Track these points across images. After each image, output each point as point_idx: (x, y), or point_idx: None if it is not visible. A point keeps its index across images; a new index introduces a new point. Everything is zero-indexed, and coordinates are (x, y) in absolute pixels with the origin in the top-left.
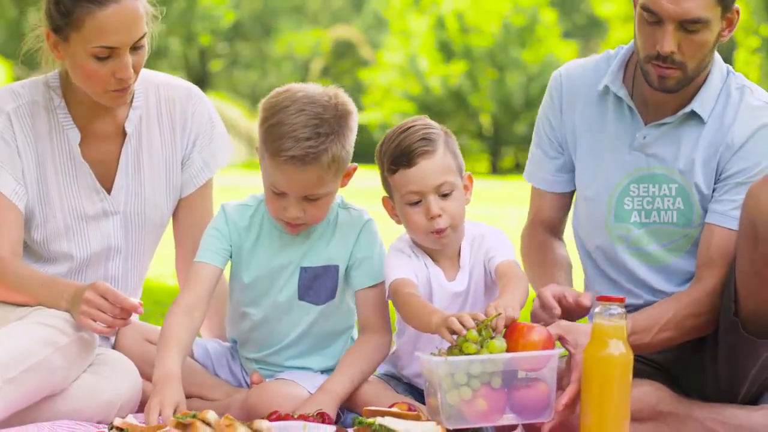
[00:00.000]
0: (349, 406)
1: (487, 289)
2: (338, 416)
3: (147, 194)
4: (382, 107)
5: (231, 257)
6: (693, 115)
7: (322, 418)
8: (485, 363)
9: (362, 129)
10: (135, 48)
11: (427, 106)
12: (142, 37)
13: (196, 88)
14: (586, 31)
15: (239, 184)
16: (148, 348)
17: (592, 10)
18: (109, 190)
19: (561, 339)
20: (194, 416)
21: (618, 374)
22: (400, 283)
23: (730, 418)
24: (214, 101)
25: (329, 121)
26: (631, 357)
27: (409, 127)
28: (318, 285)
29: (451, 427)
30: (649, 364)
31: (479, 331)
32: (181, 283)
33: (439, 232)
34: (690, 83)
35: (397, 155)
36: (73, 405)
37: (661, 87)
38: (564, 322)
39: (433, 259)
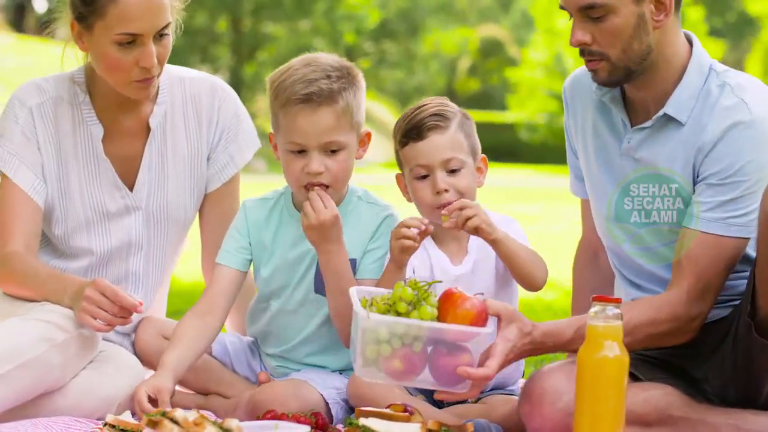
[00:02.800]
0: (357, 404)
1: (498, 276)
2: (331, 417)
3: (170, 190)
4: (527, 106)
5: (252, 254)
6: (671, 117)
7: (315, 418)
8: (410, 327)
9: (508, 128)
10: (159, 37)
11: None
12: (167, 26)
13: (221, 82)
14: (737, 29)
15: (383, 183)
16: (166, 344)
17: (743, 7)
18: (131, 186)
19: (498, 318)
20: (163, 414)
21: (613, 377)
22: None
23: (747, 424)
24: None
25: (341, 70)
26: (627, 359)
27: (425, 104)
28: None
29: (365, 379)
30: (666, 367)
31: (415, 291)
32: (207, 282)
33: (444, 206)
34: (632, 73)
35: (408, 129)
36: (73, 401)
37: (596, 80)
38: (511, 308)
39: (440, 244)
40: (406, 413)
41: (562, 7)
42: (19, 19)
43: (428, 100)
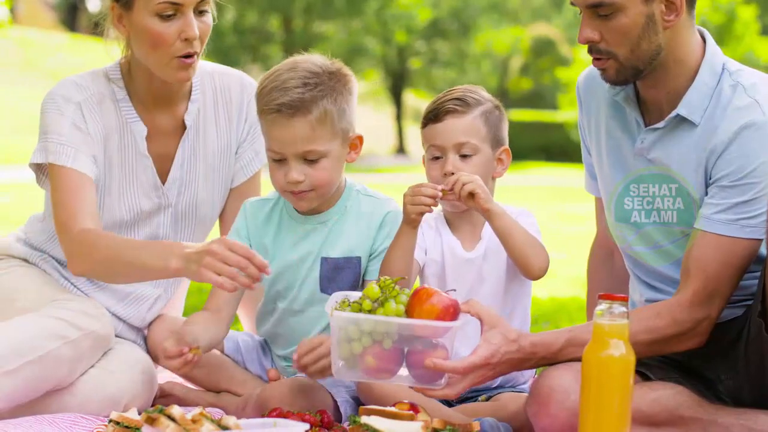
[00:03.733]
0: (367, 402)
1: (509, 266)
2: (340, 415)
3: (199, 188)
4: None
5: None
6: (684, 118)
7: (321, 417)
8: (377, 323)
9: (559, 127)
10: (199, 13)
11: None
12: (205, 0)
13: (249, 78)
14: None
15: None
16: None
17: None
18: (163, 184)
19: (481, 322)
20: (161, 411)
21: (618, 376)
22: None
23: (759, 425)
24: (414, 99)
25: (321, 76)
26: (633, 358)
27: (453, 90)
28: (340, 277)
29: (342, 378)
30: (679, 367)
31: (383, 289)
32: None
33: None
34: (640, 72)
35: (429, 110)
36: (80, 399)
37: (605, 79)
38: (494, 313)
39: (454, 229)
40: (411, 412)
41: (572, 3)
42: (72, 18)
43: (460, 86)
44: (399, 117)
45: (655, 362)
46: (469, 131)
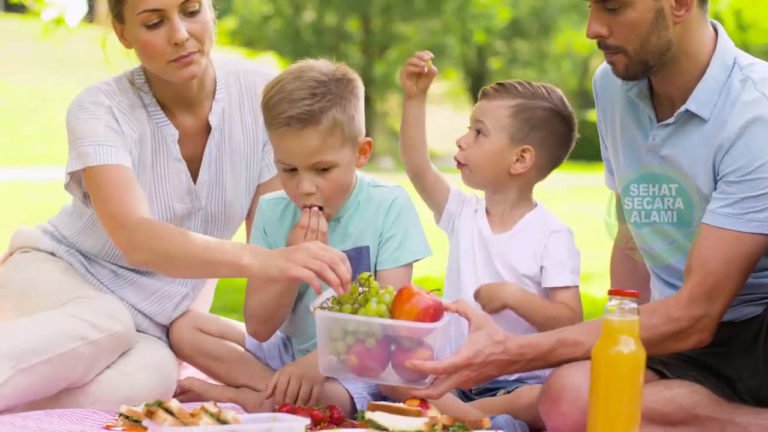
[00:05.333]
0: (389, 397)
1: (537, 257)
2: (356, 411)
3: (228, 188)
4: None
5: None
6: (693, 114)
7: (330, 412)
8: (359, 323)
9: None
10: (188, 14)
11: None
12: (190, 1)
13: (273, 72)
14: None
15: None
16: (200, 337)
17: None
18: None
19: (469, 322)
20: (159, 404)
21: (627, 373)
22: None
23: None
24: None
25: (327, 85)
26: (644, 355)
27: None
28: (352, 269)
29: (330, 376)
30: (697, 365)
31: (360, 287)
32: None
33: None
34: (650, 68)
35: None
36: (93, 399)
37: (616, 74)
38: (482, 314)
39: (488, 212)
40: (419, 408)
41: None
42: None
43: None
44: None
45: (673, 360)
46: (486, 113)
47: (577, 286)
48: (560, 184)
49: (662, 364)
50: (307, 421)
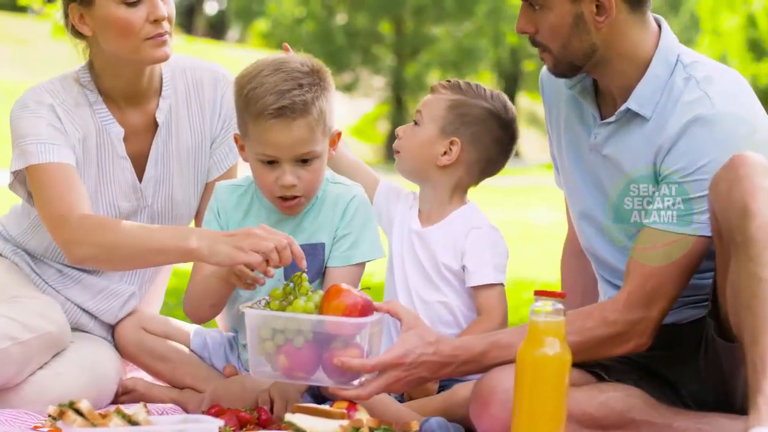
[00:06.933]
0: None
1: (457, 252)
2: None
3: (175, 186)
4: None
5: None
6: (635, 113)
7: (258, 414)
8: (287, 320)
9: None
10: None
11: None
12: None
13: (223, 71)
14: None
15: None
16: (144, 337)
17: None
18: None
19: (401, 323)
20: (70, 405)
21: (552, 375)
22: None
23: (717, 429)
24: (528, 101)
25: (311, 75)
26: (569, 357)
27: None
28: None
29: (262, 378)
30: (639, 368)
31: (292, 288)
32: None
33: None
34: (578, 68)
35: None
36: (26, 400)
37: (549, 71)
38: (414, 315)
39: (422, 202)
40: (344, 411)
41: None
42: (189, 21)
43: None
44: None
45: (614, 363)
46: (425, 105)
47: (502, 284)
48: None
49: (601, 367)
50: (220, 422)
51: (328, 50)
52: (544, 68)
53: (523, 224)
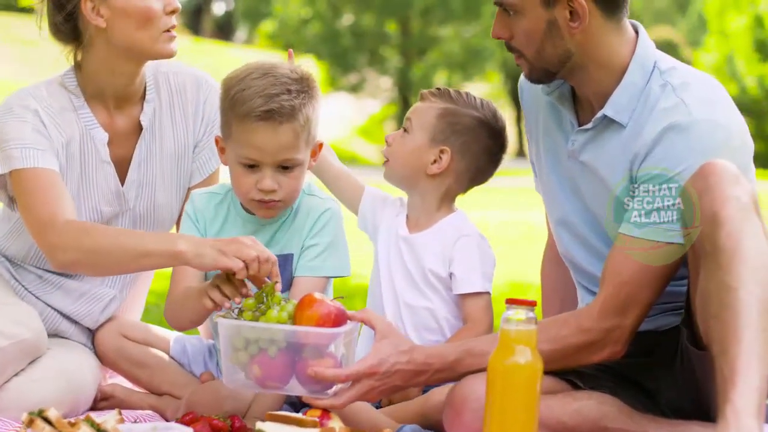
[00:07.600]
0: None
1: (445, 260)
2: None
3: (157, 190)
4: None
5: None
6: (612, 120)
7: (232, 422)
8: (259, 330)
9: None
10: None
11: (744, 106)
12: None
13: (206, 76)
14: None
15: None
16: (124, 343)
17: None
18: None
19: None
20: (39, 413)
21: (523, 384)
22: None
23: None
24: None
25: (298, 82)
26: (540, 366)
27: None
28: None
29: (236, 388)
30: (615, 375)
31: (264, 297)
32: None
33: None
34: (553, 74)
35: None
36: (2, 406)
37: (525, 77)
38: (387, 323)
39: (411, 209)
40: (316, 419)
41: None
42: (197, 22)
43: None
44: (519, 120)
45: (589, 370)
46: (415, 112)
47: (489, 293)
48: None
49: (576, 374)
50: (190, 431)
51: (334, 51)
52: (522, 76)
53: (524, 225)
